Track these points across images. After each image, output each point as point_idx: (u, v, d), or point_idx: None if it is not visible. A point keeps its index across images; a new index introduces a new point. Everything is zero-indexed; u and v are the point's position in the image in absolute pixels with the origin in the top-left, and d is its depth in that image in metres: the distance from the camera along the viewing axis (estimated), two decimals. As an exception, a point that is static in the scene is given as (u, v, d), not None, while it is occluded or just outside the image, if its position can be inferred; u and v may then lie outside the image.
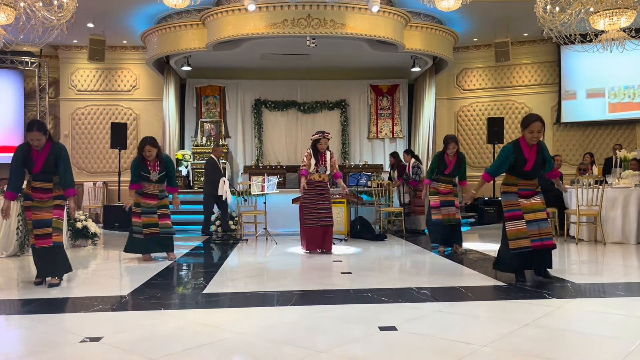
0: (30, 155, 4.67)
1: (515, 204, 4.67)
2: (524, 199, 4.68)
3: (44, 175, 4.74)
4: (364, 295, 4.25)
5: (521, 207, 4.65)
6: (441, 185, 6.77)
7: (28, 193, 4.79)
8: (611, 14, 7.77)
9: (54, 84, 13.51)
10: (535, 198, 4.70)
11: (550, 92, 13.32)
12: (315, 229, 6.85)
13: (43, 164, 4.67)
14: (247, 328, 3.33)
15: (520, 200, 4.68)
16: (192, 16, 10.98)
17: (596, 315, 3.58)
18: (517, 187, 4.71)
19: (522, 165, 4.62)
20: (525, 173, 4.66)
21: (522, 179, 4.70)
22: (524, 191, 4.70)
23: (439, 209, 6.73)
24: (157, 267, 5.82)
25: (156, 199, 6.33)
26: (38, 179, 4.76)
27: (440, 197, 6.75)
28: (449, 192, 6.76)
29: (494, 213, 11.16)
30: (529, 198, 4.68)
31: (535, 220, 4.62)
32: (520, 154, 4.60)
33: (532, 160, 4.61)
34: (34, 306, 4.02)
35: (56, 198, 4.83)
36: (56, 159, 4.70)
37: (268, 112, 13.51)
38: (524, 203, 4.66)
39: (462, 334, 3.12)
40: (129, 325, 3.44)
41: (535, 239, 4.59)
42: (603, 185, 7.38)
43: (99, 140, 13.32)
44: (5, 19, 7.38)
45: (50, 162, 4.69)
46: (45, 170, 4.71)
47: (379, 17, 10.15)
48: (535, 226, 4.61)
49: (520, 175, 4.69)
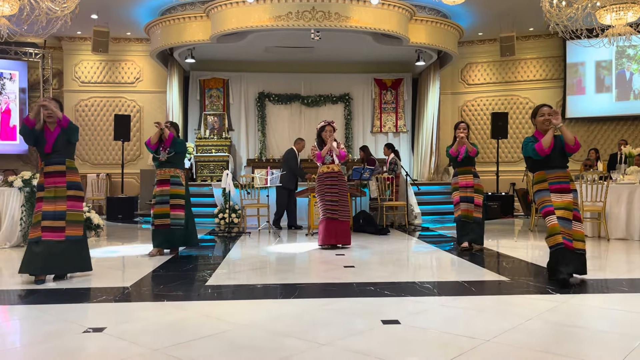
0: (43, 134, 4.56)
1: (547, 200, 4.53)
2: (557, 195, 4.50)
3: (56, 156, 4.58)
4: (367, 288, 4.24)
5: (552, 203, 4.49)
6: (460, 178, 6.45)
7: (41, 183, 4.61)
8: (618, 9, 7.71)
9: (58, 75, 13.51)
10: (569, 196, 4.50)
11: (555, 87, 13.27)
12: (323, 221, 6.65)
13: (54, 141, 4.54)
14: (250, 320, 3.33)
15: (552, 196, 4.51)
16: (196, 8, 10.95)
17: (600, 310, 3.57)
18: (547, 182, 4.56)
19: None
20: (549, 160, 4.53)
21: (550, 170, 4.56)
22: (555, 185, 4.52)
23: (458, 204, 6.44)
24: (160, 259, 5.82)
25: (168, 185, 6.15)
26: (50, 161, 4.59)
27: (460, 193, 6.43)
28: (470, 186, 6.41)
29: (498, 208, 11.13)
30: (562, 194, 4.50)
31: (565, 219, 4.42)
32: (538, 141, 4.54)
33: (551, 144, 4.52)
34: (37, 297, 4.03)
35: (71, 187, 4.62)
36: (69, 138, 4.61)
37: (271, 105, 13.49)
38: (556, 200, 4.49)
39: (466, 328, 3.11)
40: (132, 317, 3.45)
41: (566, 237, 4.38)
42: (607, 181, 7.34)
43: (102, 132, 13.33)
44: (9, 9, 7.37)
45: (62, 141, 4.58)
46: (57, 149, 4.56)
47: (383, 10, 10.10)
48: (566, 224, 4.41)
49: (546, 165, 4.57)
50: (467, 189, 6.42)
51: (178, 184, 6.22)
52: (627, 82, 12.60)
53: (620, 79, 12.64)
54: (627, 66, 12.58)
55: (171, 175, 6.21)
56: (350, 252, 6.41)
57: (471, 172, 6.48)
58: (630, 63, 12.56)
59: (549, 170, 4.59)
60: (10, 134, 13.06)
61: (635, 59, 12.52)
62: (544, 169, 4.62)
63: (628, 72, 12.59)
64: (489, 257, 6.02)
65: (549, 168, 4.59)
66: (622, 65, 12.63)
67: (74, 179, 4.65)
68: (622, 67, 12.63)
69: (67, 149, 4.66)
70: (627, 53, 12.52)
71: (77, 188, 4.68)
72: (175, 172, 6.24)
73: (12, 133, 13.04)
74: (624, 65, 12.61)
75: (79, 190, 4.71)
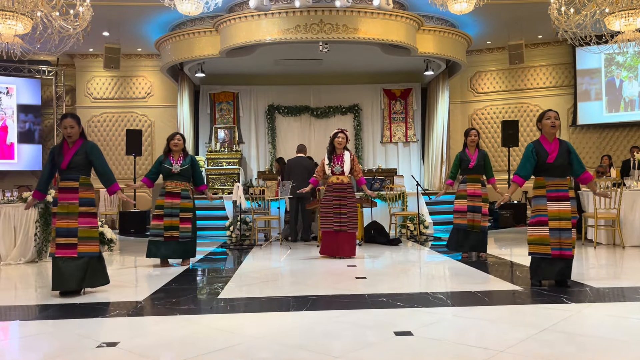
0: (61, 150, 4.62)
1: (542, 209, 4.56)
2: (554, 203, 4.52)
3: (71, 172, 4.60)
4: (379, 300, 4.22)
5: (548, 213, 4.53)
6: (469, 185, 6.40)
7: (56, 197, 4.66)
8: (627, 15, 7.68)
9: (71, 92, 13.69)
10: (566, 204, 4.52)
11: (565, 95, 13.18)
12: (329, 233, 6.69)
13: (71, 158, 4.56)
14: (262, 333, 3.33)
15: (549, 204, 4.53)
16: (205, 23, 11.07)
17: (616, 320, 3.52)
18: (545, 188, 4.57)
19: (545, 158, 4.54)
20: (551, 167, 4.55)
21: (549, 177, 4.57)
22: (553, 192, 4.54)
23: (464, 213, 6.38)
24: (172, 272, 5.85)
25: (179, 198, 6.24)
26: (65, 177, 4.61)
27: (468, 202, 6.37)
28: (478, 195, 6.37)
29: (510, 217, 11.05)
30: (559, 202, 4.52)
31: (559, 229, 4.49)
32: (541, 148, 4.59)
33: (555, 152, 4.53)
34: (51, 312, 4.06)
35: (83, 204, 4.61)
36: (87, 157, 4.63)
37: (281, 117, 13.55)
38: (552, 209, 4.52)
39: (479, 339, 3.08)
40: (145, 331, 3.46)
41: (555, 247, 4.50)
42: (621, 188, 7.27)
43: (114, 147, 13.46)
44: (22, 28, 7.51)
45: (80, 159, 4.60)
46: (72, 166, 4.58)
47: (391, 21, 10.14)
48: (557, 234, 4.50)
49: (547, 173, 4.58)
50: (476, 199, 6.38)
51: (188, 198, 6.35)
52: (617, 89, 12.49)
53: (609, 86, 12.54)
54: (617, 74, 12.47)
55: (182, 188, 6.31)
56: (362, 263, 6.39)
57: (480, 181, 6.46)
58: (619, 70, 12.45)
59: (548, 177, 4.61)
60: (8, 153, 12.60)
61: (625, 66, 12.44)
62: (543, 176, 4.64)
63: (618, 79, 12.47)
64: (502, 266, 5.97)
65: (549, 176, 4.60)
66: (611, 73, 12.52)
67: (87, 195, 4.67)
68: (612, 74, 12.51)
69: (85, 166, 4.67)
70: (616, 60, 12.41)
71: (90, 204, 4.69)
72: (186, 185, 6.36)
73: (9, 151, 12.61)
74: (614, 73, 12.51)
75: (92, 206, 4.71)
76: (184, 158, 6.37)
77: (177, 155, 6.36)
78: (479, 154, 6.46)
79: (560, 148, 4.57)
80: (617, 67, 12.46)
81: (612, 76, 12.50)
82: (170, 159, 6.32)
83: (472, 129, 6.64)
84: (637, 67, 12.20)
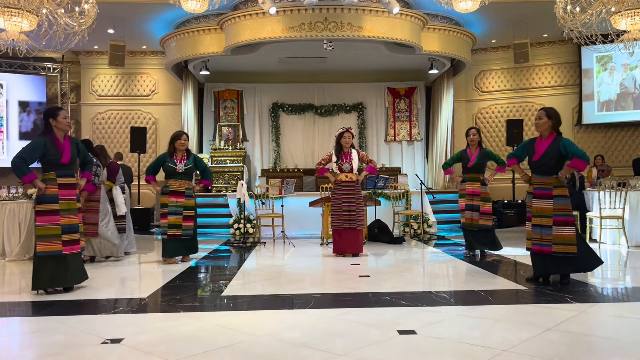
0: (55, 146, 4.52)
1: (529, 205, 4.77)
2: (538, 201, 4.66)
3: (69, 168, 4.63)
4: (383, 298, 4.22)
5: (532, 209, 4.71)
6: (468, 184, 6.47)
7: (54, 193, 4.52)
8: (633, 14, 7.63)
9: (75, 89, 13.73)
10: (548, 202, 4.61)
11: (570, 94, 13.13)
12: (340, 231, 6.73)
13: (70, 152, 4.58)
14: (266, 331, 3.33)
15: (534, 201, 4.70)
16: (210, 21, 11.07)
17: (620, 320, 3.51)
18: (532, 186, 4.75)
19: (532, 156, 4.71)
20: (535, 165, 4.70)
21: (536, 175, 4.72)
22: (538, 190, 4.68)
23: (463, 212, 6.50)
24: (176, 269, 5.86)
25: (183, 197, 6.33)
26: (64, 173, 4.58)
27: (467, 200, 6.46)
28: (477, 194, 6.41)
29: (514, 216, 11.03)
30: (542, 199, 4.64)
31: (540, 226, 4.64)
32: (532, 145, 4.75)
33: (541, 152, 4.63)
34: (55, 308, 4.08)
35: (78, 199, 4.75)
36: (77, 151, 4.71)
37: (285, 115, 13.54)
38: (536, 206, 4.68)
39: (483, 338, 3.08)
40: (149, 328, 3.47)
41: (535, 242, 4.67)
42: (626, 188, 7.24)
43: (118, 144, 13.49)
44: (28, 25, 7.53)
45: (74, 154, 4.68)
46: (72, 160, 4.64)
47: (396, 20, 10.12)
48: (539, 231, 4.65)
49: (534, 170, 4.75)
50: (474, 197, 6.45)
51: (191, 196, 6.45)
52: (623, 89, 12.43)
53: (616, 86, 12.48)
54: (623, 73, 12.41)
55: (186, 187, 6.41)
56: (365, 261, 6.39)
57: (479, 180, 6.50)
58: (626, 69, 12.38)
59: (535, 175, 4.75)
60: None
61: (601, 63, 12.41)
62: (533, 173, 4.79)
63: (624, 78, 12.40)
64: (506, 265, 5.96)
65: (535, 173, 4.75)
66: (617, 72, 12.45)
67: (77, 190, 4.77)
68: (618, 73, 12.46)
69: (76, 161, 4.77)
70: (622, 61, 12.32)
71: (78, 200, 4.74)
72: (190, 184, 6.46)
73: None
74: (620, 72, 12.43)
75: (79, 202, 4.77)
76: (188, 157, 6.45)
77: (180, 155, 6.41)
78: (480, 153, 6.50)
79: (549, 147, 4.61)
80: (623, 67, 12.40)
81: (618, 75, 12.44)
82: (174, 158, 6.36)
83: (472, 128, 6.67)
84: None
